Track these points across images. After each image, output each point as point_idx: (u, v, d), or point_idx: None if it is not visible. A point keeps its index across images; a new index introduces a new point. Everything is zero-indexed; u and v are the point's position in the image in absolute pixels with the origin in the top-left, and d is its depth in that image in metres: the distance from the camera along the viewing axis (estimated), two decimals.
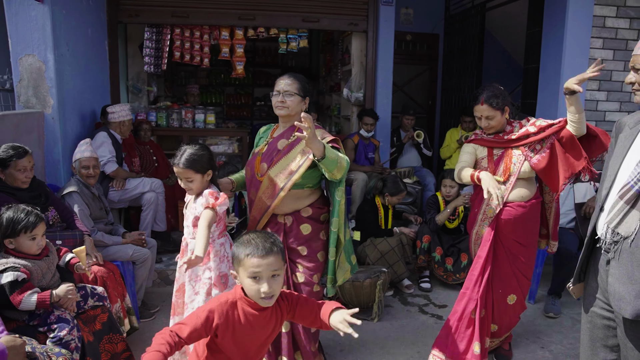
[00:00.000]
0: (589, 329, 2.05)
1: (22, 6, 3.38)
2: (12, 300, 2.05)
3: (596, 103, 4.30)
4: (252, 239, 1.69)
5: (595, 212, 2.00)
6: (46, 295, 2.12)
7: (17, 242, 2.16)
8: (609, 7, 4.17)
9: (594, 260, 2.03)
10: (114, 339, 2.51)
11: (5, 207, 2.18)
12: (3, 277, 2.07)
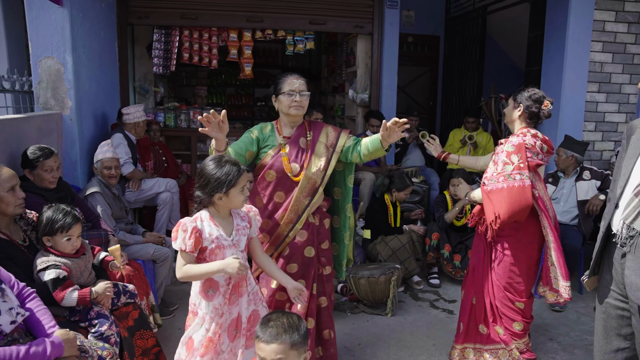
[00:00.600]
0: (603, 319, 2.18)
1: (43, 9, 3.44)
2: (55, 296, 2.12)
3: (596, 105, 4.46)
4: (270, 320, 1.69)
5: (610, 209, 2.13)
6: (86, 292, 2.19)
7: (54, 240, 2.23)
8: (608, 12, 4.33)
9: (608, 254, 2.16)
10: (145, 335, 2.58)
11: (47, 206, 2.25)
12: (45, 275, 2.14)
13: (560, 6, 4.32)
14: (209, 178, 1.94)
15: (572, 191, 3.91)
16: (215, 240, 1.97)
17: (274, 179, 2.45)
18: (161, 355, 2.65)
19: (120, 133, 3.89)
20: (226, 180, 1.92)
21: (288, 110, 2.41)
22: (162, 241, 3.41)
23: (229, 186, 1.92)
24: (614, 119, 4.52)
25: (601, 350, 2.21)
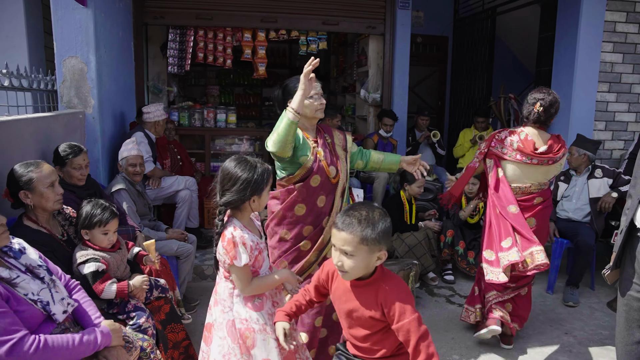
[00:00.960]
0: (625, 312, 2.26)
1: (68, 10, 3.49)
2: (94, 289, 2.18)
3: (606, 104, 4.53)
4: (351, 208, 1.62)
5: (632, 204, 2.20)
6: (124, 285, 2.26)
7: (92, 234, 2.29)
8: (619, 12, 4.41)
9: (630, 248, 2.23)
10: (176, 329, 2.64)
11: (87, 201, 2.31)
12: (85, 268, 2.20)
13: (571, 7, 4.40)
14: (246, 181, 1.83)
15: (584, 189, 3.98)
16: (257, 246, 1.90)
17: (319, 184, 2.43)
18: (190, 348, 2.71)
19: (140, 132, 3.95)
20: (262, 181, 1.87)
21: (314, 113, 2.42)
22: (185, 237, 3.47)
23: (263, 187, 1.89)
24: (624, 118, 4.60)
25: (623, 342, 2.29)
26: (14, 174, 2.17)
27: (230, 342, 1.86)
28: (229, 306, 1.90)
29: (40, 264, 1.84)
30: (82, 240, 2.30)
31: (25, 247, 1.85)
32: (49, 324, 1.74)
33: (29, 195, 2.16)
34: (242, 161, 1.89)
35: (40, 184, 2.17)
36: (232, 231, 1.83)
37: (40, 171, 2.20)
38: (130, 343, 1.97)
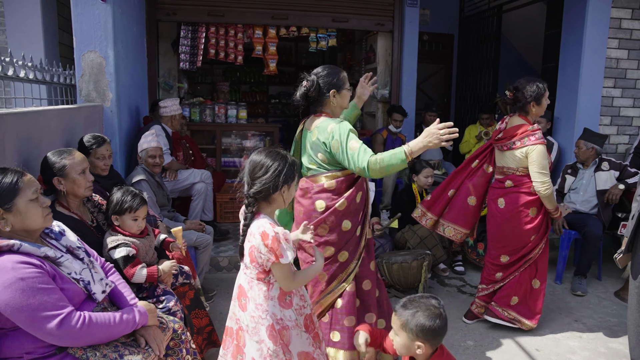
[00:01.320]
0: (637, 294, 2.34)
1: (87, 6, 3.56)
2: (125, 273, 2.25)
3: (612, 99, 4.62)
4: (419, 296, 1.82)
5: None
6: (154, 270, 2.33)
7: (122, 219, 2.36)
8: (624, 9, 4.50)
9: None
10: (200, 314, 2.72)
11: (117, 188, 2.39)
12: (116, 252, 2.27)
13: (577, 4, 4.48)
14: (278, 169, 1.79)
15: (590, 181, 4.06)
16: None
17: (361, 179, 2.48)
18: (214, 334, 2.79)
19: (158, 125, 4.02)
20: (293, 171, 1.85)
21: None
22: (203, 228, 3.54)
23: (294, 177, 1.86)
24: (629, 113, 4.69)
25: (635, 323, 2.37)
26: (47, 161, 2.24)
27: (272, 345, 1.81)
28: (266, 309, 1.83)
29: (79, 245, 1.91)
30: (112, 226, 2.37)
31: (64, 230, 1.92)
32: (90, 302, 1.81)
33: (62, 182, 2.23)
34: (271, 151, 1.86)
35: (73, 170, 2.24)
36: (272, 228, 1.75)
37: (73, 158, 2.27)
38: (164, 324, 2.04)
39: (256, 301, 1.84)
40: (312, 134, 2.43)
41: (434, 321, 1.69)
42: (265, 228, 1.76)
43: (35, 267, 1.61)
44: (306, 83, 2.40)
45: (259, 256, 1.78)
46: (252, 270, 1.85)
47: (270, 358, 1.82)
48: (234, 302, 1.95)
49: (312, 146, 2.42)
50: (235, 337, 1.94)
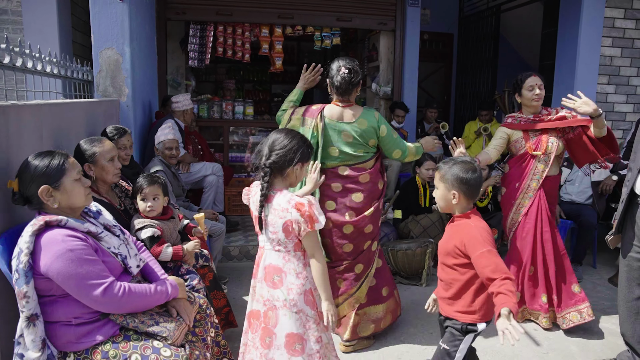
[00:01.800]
0: (626, 271, 2.53)
1: (105, 5, 3.72)
2: (152, 251, 2.40)
3: (606, 96, 4.81)
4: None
5: (632, 176, 2.48)
6: (179, 249, 2.49)
7: (137, 202, 2.52)
8: (617, 9, 4.68)
9: (630, 215, 2.51)
10: (218, 295, 2.87)
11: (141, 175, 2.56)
12: (143, 233, 2.43)
13: (573, 4, 4.67)
14: (296, 146, 1.92)
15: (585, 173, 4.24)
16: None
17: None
18: (230, 314, 2.95)
19: (171, 119, 4.18)
20: (309, 151, 1.99)
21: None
22: (216, 217, 3.70)
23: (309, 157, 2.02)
24: (622, 109, 4.88)
25: (624, 299, 2.56)
26: (79, 149, 2.40)
27: (310, 311, 1.97)
28: (306, 276, 1.98)
29: (115, 224, 2.08)
30: (138, 210, 2.54)
31: (101, 209, 2.08)
32: (126, 275, 1.98)
33: (92, 168, 2.39)
34: (292, 131, 2.02)
35: (102, 158, 2.40)
36: (296, 196, 1.92)
37: (103, 146, 2.43)
38: (191, 298, 2.20)
39: (296, 270, 1.98)
40: (358, 123, 2.67)
41: (467, 172, 1.95)
42: (296, 200, 1.90)
43: (81, 240, 1.77)
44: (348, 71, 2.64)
45: (296, 227, 1.90)
46: (286, 245, 1.97)
47: (309, 324, 1.98)
48: (261, 284, 2.03)
49: (362, 134, 2.68)
50: (263, 320, 2.00)
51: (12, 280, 1.72)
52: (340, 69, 2.65)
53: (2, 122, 1.89)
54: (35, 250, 1.71)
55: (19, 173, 1.81)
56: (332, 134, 2.70)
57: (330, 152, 2.73)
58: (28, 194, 1.78)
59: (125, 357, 1.77)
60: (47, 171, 1.78)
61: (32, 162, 1.80)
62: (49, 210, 1.81)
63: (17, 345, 1.72)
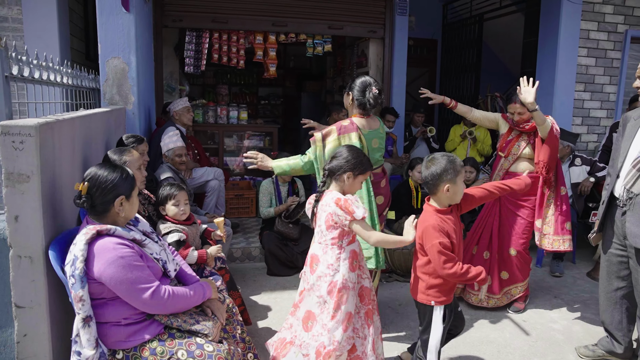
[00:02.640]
0: (607, 266, 2.82)
1: (112, 15, 3.82)
2: (179, 254, 2.57)
3: (582, 102, 5.16)
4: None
5: (611, 180, 2.77)
6: (203, 253, 2.66)
7: (167, 208, 2.69)
8: (592, 22, 5.03)
9: (610, 215, 2.80)
10: (234, 295, 3.04)
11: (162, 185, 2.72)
12: (169, 237, 2.60)
13: (552, 16, 4.99)
14: (353, 160, 2.28)
15: (566, 175, 4.55)
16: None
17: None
18: (245, 313, 3.13)
19: (173, 126, 4.30)
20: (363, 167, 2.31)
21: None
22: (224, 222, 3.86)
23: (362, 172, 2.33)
24: (597, 114, 5.24)
25: (605, 290, 2.86)
26: (109, 159, 2.54)
27: (329, 299, 2.24)
28: (336, 269, 2.25)
29: (152, 230, 2.23)
30: (163, 216, 2.69)
31: (138, 217, 2.24)
32: (166, 278, 2.14)
33: None
34: (353, 147, 2.39)
35: (132, 166, 2.55)
36: (339, 195, 2.24)
37: (132, 155, 2.58)
38: (221, 298, 2.37)
39: (328, 262, 2.27)
40: (378, 130, 2.99)
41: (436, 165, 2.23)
42: (336, 195, 2.25)
43: (129, 248, 1.93)
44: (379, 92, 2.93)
45: (337, 219, 2.21)
46: (327, 237, 2.28)
47: (322, 308, 2.26)
48: (306, 267, 2.39)
49: (383, 138, 3.02)
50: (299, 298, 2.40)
51: (68, 284, 1.86)
52: (372, 88, 2.90)
53: (49, 136, 2.02)
54: (88, 257, 1.86)
55: (92, 180, 1.93)
56: (368, 143, 2.95)
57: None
58: (100, 201, 1.92)
59: (172, 353, 1.94)
60: (125, 183, 1.96)
61: (109, 174, 1.95)
62: (107, 217, 1.96)
63: (74, 343, 1.86)
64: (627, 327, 2.80)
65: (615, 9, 5.04)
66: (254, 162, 2.94)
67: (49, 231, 2.02)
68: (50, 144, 2.03)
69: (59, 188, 2.14)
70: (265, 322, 3.36)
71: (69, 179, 2.28)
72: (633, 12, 5.09)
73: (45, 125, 1.96)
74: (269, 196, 4.32)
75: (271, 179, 4.40)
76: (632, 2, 5.07)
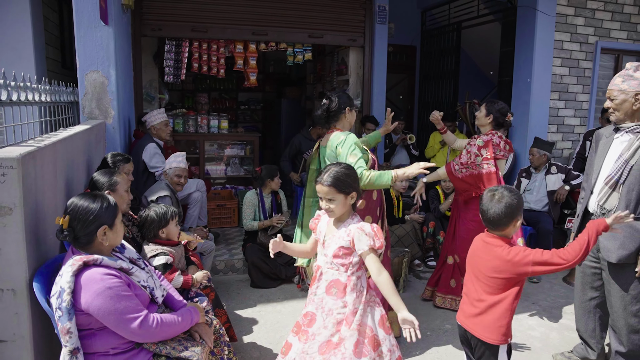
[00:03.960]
0: (581, 277, 2.93)
1: (90, 28, 3.77)
2: (165, 277, 2.56)
3: (557, 110, 5.30)
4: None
5: (586, 195, 2.87)
6: (189, 279, 2.67)
7: (167, 230, 2.69)
8: (565, 33, 5.18)
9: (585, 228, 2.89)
10: (219, 313, 3.03)
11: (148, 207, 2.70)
12: (156, 260, 2.59)
13: (527, 27, 5.12)
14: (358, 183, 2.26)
15: (542, 183, 4.70)
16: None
17: None
18: (231, 330, 3.12)
19: (152, 142, 4.23)
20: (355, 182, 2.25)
21: (353, 124, 3.10)
22: (207, 235, 3.85)
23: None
24: (571, 122, 5.39)
25: (579, 300, 2.97)
26: (97, 181, 2.52)
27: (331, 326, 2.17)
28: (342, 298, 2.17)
29: (139, 257, 2.22)
30: (148, 238, 2.68)
31: (124, 244, 2.23)
32: (154, 305, 2.14)
33: None
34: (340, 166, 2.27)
35: (121, 187, 2.54)
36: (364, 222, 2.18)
37: (122, 177, 2.57)
38: (209, 321, 2.38)
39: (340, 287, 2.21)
40: (327, 147, 2.91)
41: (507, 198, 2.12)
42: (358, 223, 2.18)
43: (117, 278, 1.92)
44: (327, 101, 2.92)
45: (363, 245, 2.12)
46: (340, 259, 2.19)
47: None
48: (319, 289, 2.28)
49: (329, 158, 2.90)
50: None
51: (55, 317, 1.85)
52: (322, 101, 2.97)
53: (31, 166, 2.00)
54: (75, 289, 1.84)
55: (73, 213, 1.92)
56: (321, 157, 3.02)
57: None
58: (83, 232, 1.91)
59: None
60: (106, 213, 1.94)
61: (90, 204, 1.93)
62: (92, 247, 1.95)
63: None
64: (600, 334, 2.92)
65: (586, 21, 5.20)
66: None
67: (33, 262, 1.99)
68: (32, 173, 2.01)
69: (42, 216, 2.11)
70: (251, 337, 3.37)
71: (52, 206, 2.26)
72: (602, 24, 5.26)
73: (28, 156, 1.94)
74: (252, 208, 4.32)
75: (255, 191, 4.40)
76: (601, 15, 5.24)
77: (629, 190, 2.55)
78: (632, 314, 2.60)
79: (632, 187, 2.54)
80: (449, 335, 3.44)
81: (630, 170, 2.55)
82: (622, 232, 2.51)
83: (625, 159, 2.58)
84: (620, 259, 2.58)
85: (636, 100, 2.54)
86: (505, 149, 3.52)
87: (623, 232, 2.53)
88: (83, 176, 2.96)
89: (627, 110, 2.58)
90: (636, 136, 2.58)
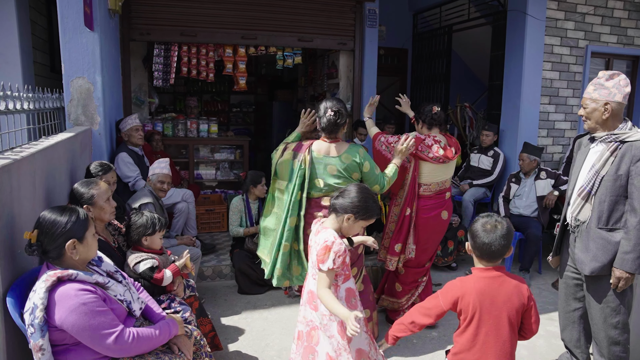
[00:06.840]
0: (564, 287, 2.92)
1: (75, 34, 3.74)
2: (155, 277, 2.55)
3: (548, 114, 5.30)
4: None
5: (565, 205, 2.85)
6: (174, 266, 2.67)
7: (151, 239, 2.68)
8: (555, 37, 5.17)
9: (566, 239, 2.89)
10: (204, 322, 3.03)
11: (136, 214, 2.67)
12: (142, 265, 2.57)
13: (517, 31, 5.11)
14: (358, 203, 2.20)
15: (532, 189, 4.69)
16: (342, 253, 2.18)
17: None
18: (216, 338, 3.11)
19: (124, 152, 4.15)
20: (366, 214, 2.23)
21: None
22: (193, 243, 3.83)
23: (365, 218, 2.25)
24: (562, 126, 5.39)
25: (563, 310, 2.96)
26: (76, 193, 2.50)
27: (341, 340, 2.18)
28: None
29: (116, 269, 2.20)
30: (133, 246, 2.67)
31: (102, 256, 2.20)
32: (131, 319, 2.11)
33: (90, 209, 2.49)
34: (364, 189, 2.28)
35: (100, 199, 2.52)
36: (336, 240, 2.16)
37: (99, 188, 2.54)
38: (188, 333, 2.36)
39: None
40: (341, 158, 2.88)
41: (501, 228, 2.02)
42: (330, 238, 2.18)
43: (92, 293, 1.90)
44: (335, 116, 2.85)
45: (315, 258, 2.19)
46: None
47: (340, 351, 2.19)
48: (305, 306, 2.32)
49: (346, 168, 2.88)
50: (305, 339, 2.29)
51: (27, 333, 1.82)
52: (327, 111, 2.86)
53: (6, 179, 1.97)
54: (49, 305, 1.82)
55: (41, 227, 1.90)
56: (318, 167, 2.92)
57: (315, 183, 2.93)
58: (51, 247, 1.88)
59: None
60: (75, 226, 1.91)
61: (57, 218, 1.91)
62: (63, 262, 1.92)
63: None
64: (584, 344, 2.91)
65: (576, 25, 5.19)
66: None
67: (7, 277, 1.97)
68: (7, 187, 1.98)
69: (18, 229, 2.08)
70: (236, 346, 3.35)
71: (30, 217, 2.22)
72: (592, 28, 5.26)
73: (2, 169, 1.91)
74: (238, 214, 4.29)
75: (241, 197, 4.38)
76: (591, 19, 5.24)
77: (600, 201, 2.53)
78: (612, 326, 2.59)
79: (604, 198, 2.51)
80: (435, 342, 3.43)
81: (601, 181, 2.52)
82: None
83: (596, 169, 2.55)
84: (593, 271, 2.56)
85: (605, 109, 2.50)
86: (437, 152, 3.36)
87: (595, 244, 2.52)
88: (66, 185, 2.93)
89: (598, 119, 2.55)
90: (607, 146, 2.53)
